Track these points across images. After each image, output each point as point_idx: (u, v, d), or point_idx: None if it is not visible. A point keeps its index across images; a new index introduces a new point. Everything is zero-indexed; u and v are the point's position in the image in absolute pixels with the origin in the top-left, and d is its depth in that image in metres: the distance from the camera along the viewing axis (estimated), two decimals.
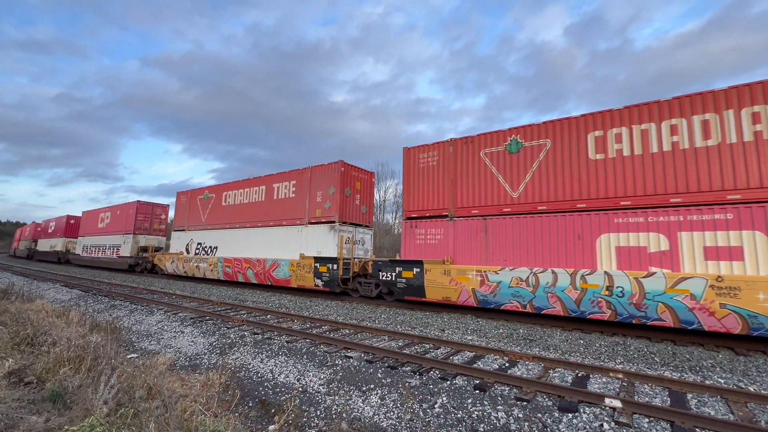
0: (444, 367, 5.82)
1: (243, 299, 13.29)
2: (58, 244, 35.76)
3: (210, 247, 18.73)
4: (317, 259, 13.45)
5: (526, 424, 4.15)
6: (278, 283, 14.89)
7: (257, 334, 8.16)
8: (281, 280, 14.65)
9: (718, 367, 6.12)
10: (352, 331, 8.49)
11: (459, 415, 4.41)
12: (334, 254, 13.16)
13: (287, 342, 7.43)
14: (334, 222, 13.60)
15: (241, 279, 16.50)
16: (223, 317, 9.65)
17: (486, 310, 10.31)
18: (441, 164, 10.96)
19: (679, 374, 5.81)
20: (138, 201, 25.90)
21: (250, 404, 5.11)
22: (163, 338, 8.28)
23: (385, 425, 4.37)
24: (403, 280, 10.92)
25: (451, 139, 10.92)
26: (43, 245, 39.80)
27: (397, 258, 11.41)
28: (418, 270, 10.62)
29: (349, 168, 14.40)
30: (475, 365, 5.96)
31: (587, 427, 4.07)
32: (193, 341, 7.89)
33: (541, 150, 9.32)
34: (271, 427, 4.24)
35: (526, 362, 6.23)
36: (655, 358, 6.57)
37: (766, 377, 5.67)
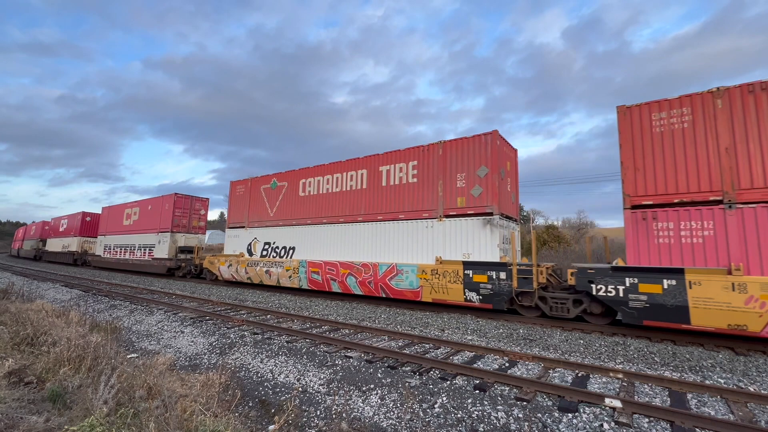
0: (444, 367, 5.82)
1: (243, 299, 13.29)
2: (72, 243, 32.41)
3: (283, 247, 15.22)
4: (469, 265, 10.04)
5: (526, 424, 4.15)
6: (399, 296, 11.35)
7: (257, 334, 8.16)
8: (405, 291, 11.14)
9: (718, 367, 6.12)
10: (352, 331, 8.49)
11: (459, 415, 4.41)
12: (491, 257, 9.87)
13: (287, 342, 7.43)
14: (491, 214, 10.08)
15: (336, 289, 12.97)
16: (223, 317, 9.65)
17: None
18: (699, 126, 7.72)
19: (679, 374, 5.81)
20: (176, 194, 22.07)
21: (250, 404, 5.11)
22: (163, 338, 8.28)
23: (385, 425, 4.37)
24: (642, 297, 7.61)
25: (718, 89, 7.65)
26: (54, 245, 36.54)
27: (620, 264, 8.12)
28: (674, 282, 7.29)
29: (503, 142, 10.95)
30: (475, 365, 5.96)
31: (587, 427, 4.07)
32: (193, 341, 7.89)
33: None
34: (271, 427, 4.24)
35: (526, 362, 6.23)
36: (655, 358, 6.57)
37: (766, 377, 5.67)
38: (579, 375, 5.61)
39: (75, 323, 7.82)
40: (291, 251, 14.98)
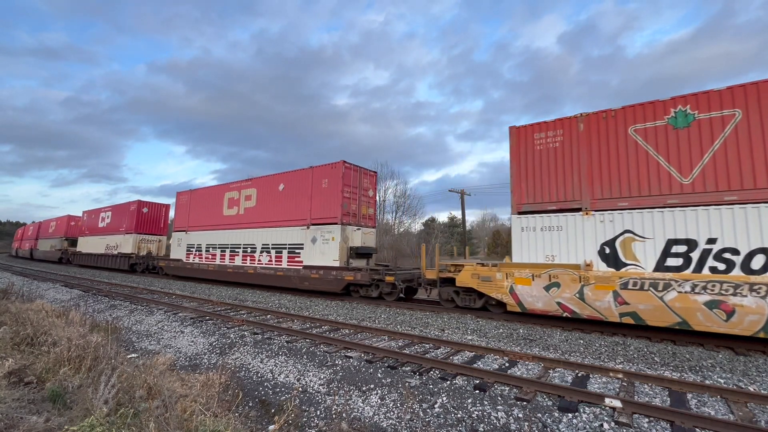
0: (444, 367, 5.82)
1: (243, 299, 13.28)
2: (123, 243, 25.09)
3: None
4: None
5: (526, 424, 4.15)
6: None
7: (257, 334, 8.16)
8: None
9: (718, 367, 6.13)
10: (352, 331, 8.49)
11: (459, 415, 4.41)
12: None
13: (287, 342, 7.44)
14: None
15: None
16: (223, 317, 9.65)
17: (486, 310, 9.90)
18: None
19: (679, 374, 5.81)
20: (344, 162, 13.52)
21: (250, 404, 5.11)
22: (163, 338, 8.28)
23: (385, 425, 4.37)
24: None
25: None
26: (92, 245, 29.27)
27: None
28: None
29: None
30: (475, 365, 5.96)
31: (587, 427, 4.07)
32: (193, 341, 7.89)
33: None
34: (271, 427, 4.24)
35: (526, 362, 6.23)
36: (655, 358, 6.57)
37: (766, 377, 5.67)
38: (579, 375, 5.61)
39: (75, 323, 7.82)
40: None
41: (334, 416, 4.45)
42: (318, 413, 4.71)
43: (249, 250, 16.28)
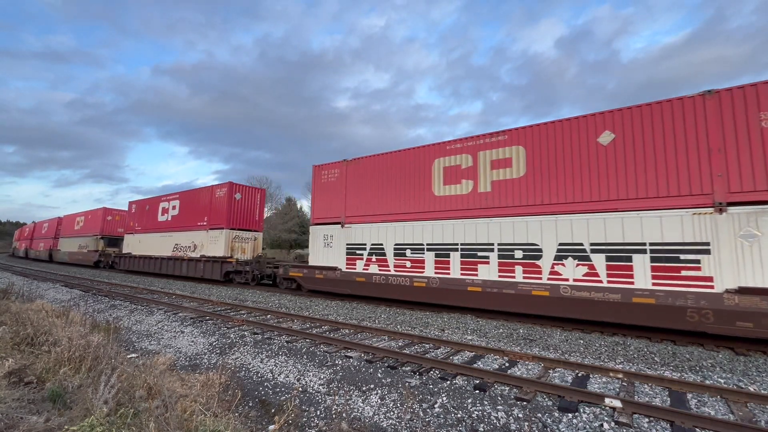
0: (444, 367, 5.83)
1: (243, 299, 13.28)
2: (206, 243, 18.00)
3: None
4: None
5: (526, 424, 4.15)
6: None
7: (257, 334, 8.16)
8: None
9: (718, 367, 6.12)
10: (352, 331, 8.50)
11: (459, 415, 4.41)
12: None
13: (287, 342, 7.44)
14: None
15: None
16: (223, 317, 9.65)
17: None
18: None
19: (679, 374, 5.81)
20: None
21: (250, 404, 5.11)
22: (163, 338, 8.28)
23: (385, 425, 4.37)
24: None
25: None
26: (146, 245, 22.26)
27: None
28: None
29: None
30: (475, 365, 5.96)
31: (587, 427, 4.07)
32: (193, 341, 7.89)
33: None
34: (271, 427, 4.24)
35: (526, 362, 6.23)
36: (655, 358, 6.57)
37: (766, 377, 5.67)
38: (579, 375, 5.61)
39: (75, 323, 7.82)
40: None
41: (334, 416, 4.45)
42: (318, 413, 4.71)
43: (520, 254, 9.14)
